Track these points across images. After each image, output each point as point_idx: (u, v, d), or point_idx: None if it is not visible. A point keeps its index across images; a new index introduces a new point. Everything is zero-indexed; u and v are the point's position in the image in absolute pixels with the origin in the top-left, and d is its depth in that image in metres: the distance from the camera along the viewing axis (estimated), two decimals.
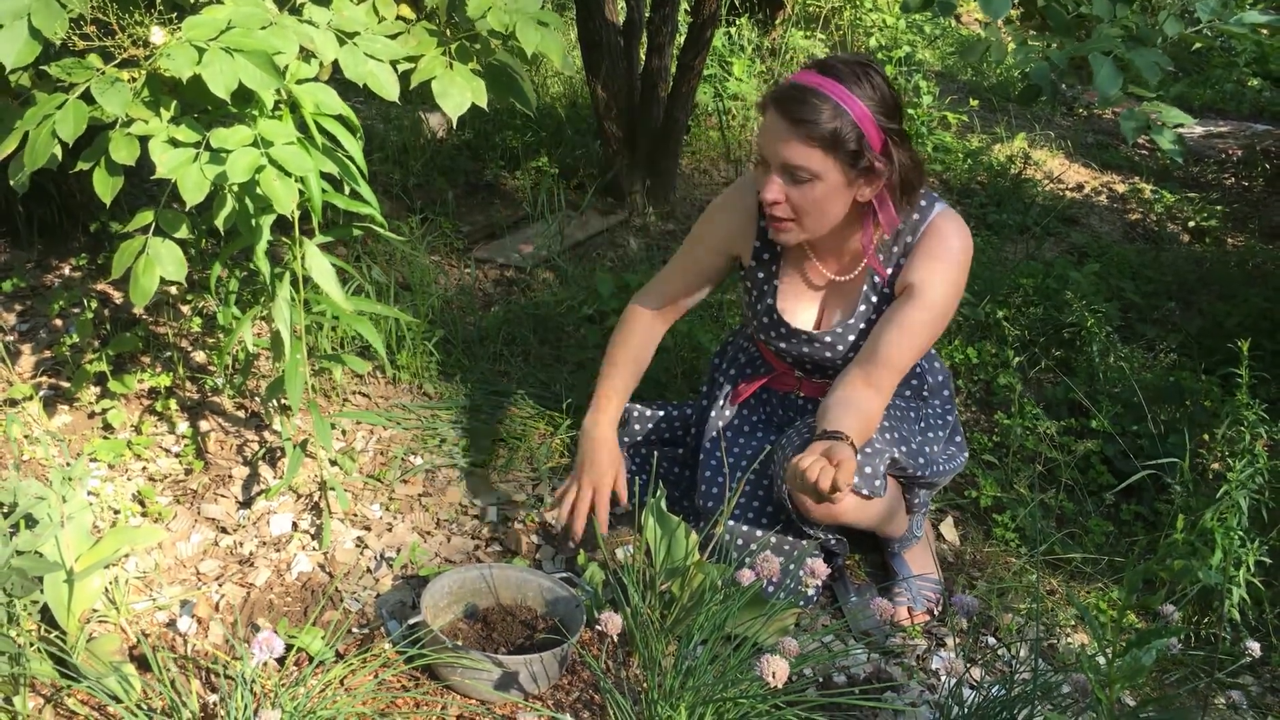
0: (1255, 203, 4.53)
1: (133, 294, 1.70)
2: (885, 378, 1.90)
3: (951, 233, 1.92)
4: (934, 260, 1.91)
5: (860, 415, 1.84)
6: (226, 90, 1.50)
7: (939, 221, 1.93)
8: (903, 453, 1.97)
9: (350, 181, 1.77)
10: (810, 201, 1.85)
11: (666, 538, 1.93)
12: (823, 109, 1.79)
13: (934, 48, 5.92)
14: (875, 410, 1.88)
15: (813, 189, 1.84)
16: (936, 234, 1.92)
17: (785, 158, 1.82)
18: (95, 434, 2.32)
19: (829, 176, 1.82)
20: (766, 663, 1.42)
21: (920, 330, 1.90)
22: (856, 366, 1.92)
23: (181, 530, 2.11)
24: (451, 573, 1.94)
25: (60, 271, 2.85)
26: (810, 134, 1.79)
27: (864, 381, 1.90)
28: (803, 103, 1.80)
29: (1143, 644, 1.45)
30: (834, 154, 1.80)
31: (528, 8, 1.82)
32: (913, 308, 1.90)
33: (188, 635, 1.88)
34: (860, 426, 1.82)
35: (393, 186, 3.53)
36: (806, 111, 1.79)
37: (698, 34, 3.51)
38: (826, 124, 1.78)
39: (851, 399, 1.87)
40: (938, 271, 1.91)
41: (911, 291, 1.91)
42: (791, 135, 1.81)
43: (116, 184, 1.66)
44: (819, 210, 1.86)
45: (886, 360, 1.89)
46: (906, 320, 1.90)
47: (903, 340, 1.89)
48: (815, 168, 1.82)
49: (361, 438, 2.45)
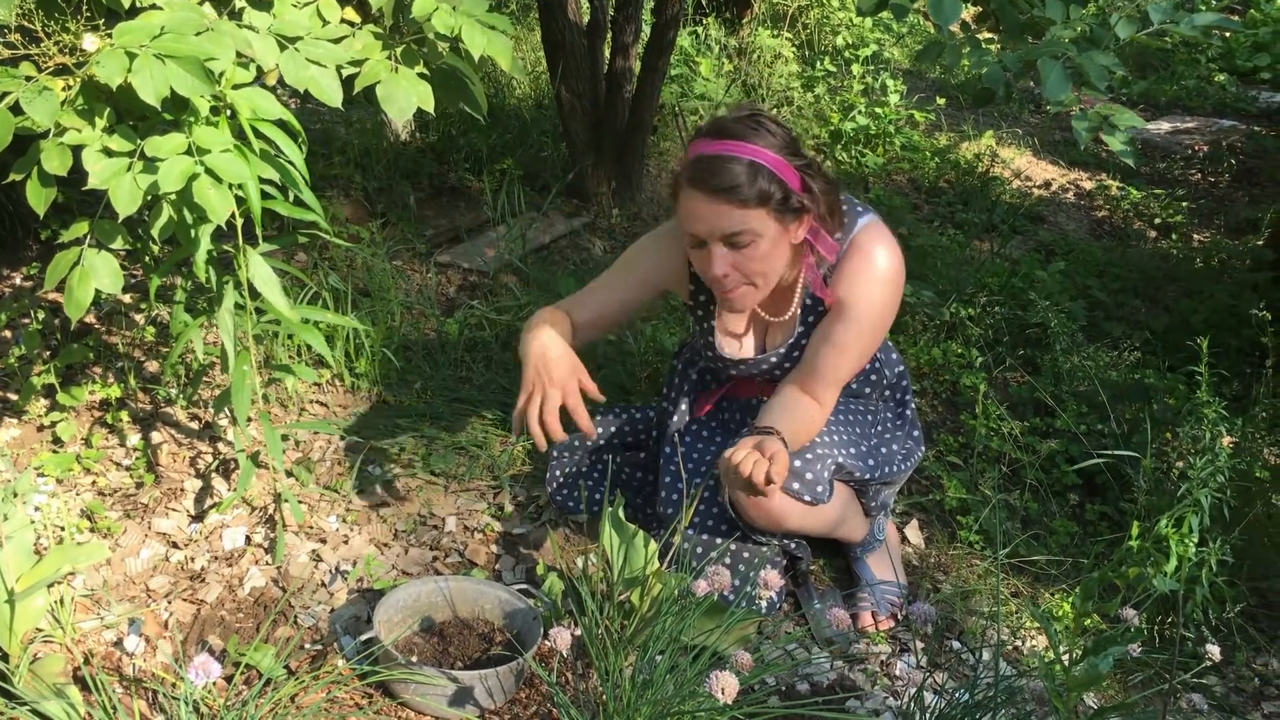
0: (1221, 198, 4.55)
1: (68, 307, 1.66)
2: (822, 391, 1.90)
3: (877, 249, 1.89)
4: (861, 277, 1.89)
5: (795, 418, 1.84)
6: (157, 97, 1.46)
7: (861, 238, 1.90)
8: (850, 455, 1.96)
9: (293, 187, 1.73)
10: (758, 261, 1.84)
11: (624, 546, 1.90)
12: (739, 170, 1.77)
13: (901, 45, 5.92)
14: (813, 416, 1.88)
15: (756, 249, 1.82)
16: (860, 251, 1.89)
17: (723, 229, 1.80)
18: (44, 447, 2.27)
19: (767, 231, 1.81)
20: (716, 679, 1.39)
21: (853, 346, 1.90)
22: (794, 379, 1.93)
23: (131, 546, 2.07)
24: (407, 586, 1.91)
25: (11, 281, 2.79)
26: (738, 197, 1.77)
27: (800, 390, 1.90)
28: (719, 172, 1.77)
29: (1099, 650, 1.43)
30: (765, 208, 1.79)
31: (474, 10, 1.79)
32: (844, 326, 1.89)
33: (135, 655, 1.83)
34: (794, 429, 1.81)
35: (354, 190, 3.49)
36: (726, 178, 1.77)
37: (661, 34, 3.48)
38: (749, 185, 1.77)
39: (787, 404, 1.87)
40: (866, 289, 1.89)
41: (841, 309, 1.90)
42: (720, 205, 1.78)
43: (50, 194, 1.62)
44: (768, 266, 1.85)
45: (822, 375, 1.90)
46: (839, 339, 1.89)
47: (838, 358, 1.90)
48: (754, 227, 1.80)
49: (319, 448, 2.41)
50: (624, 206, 3.70)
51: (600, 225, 3.62)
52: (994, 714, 1.63)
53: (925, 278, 3.24)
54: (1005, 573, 2.24)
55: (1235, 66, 6.25)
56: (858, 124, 4.42)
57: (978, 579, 2.23)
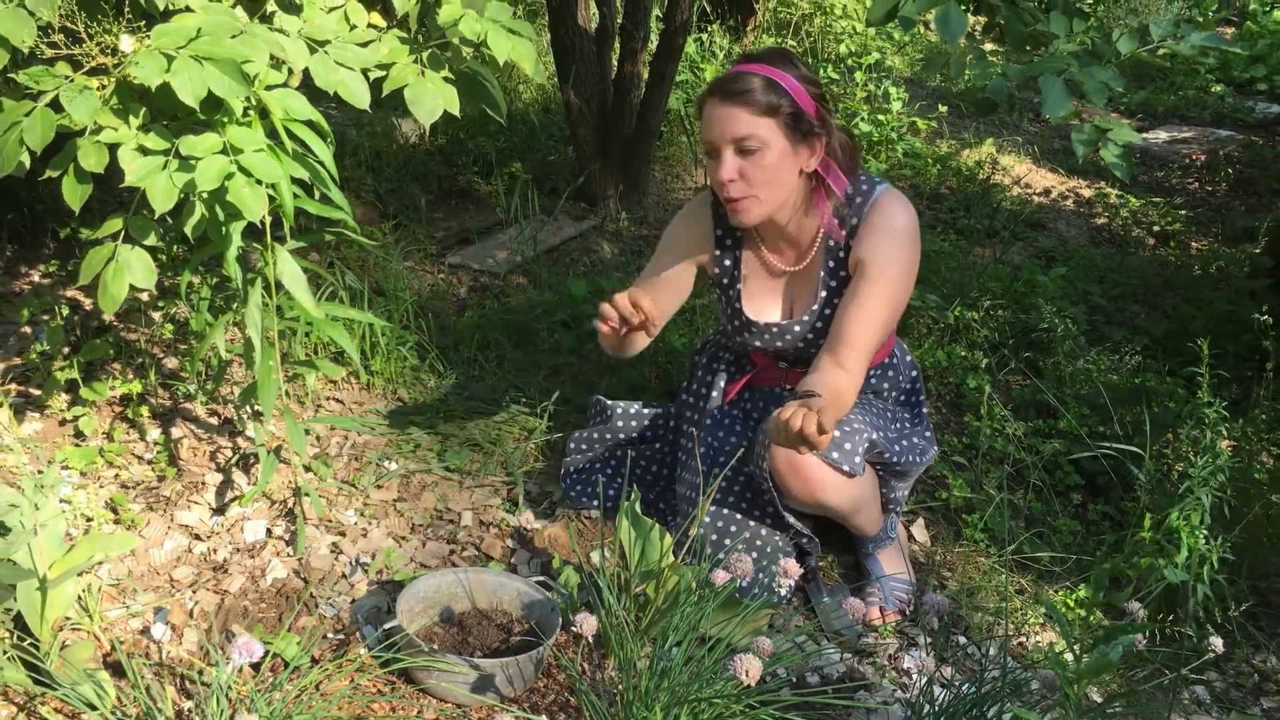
0: (1218, 207, 4.61)
1: (101, 301, 1.70)
2: (852, 358, 1.93)
3: (896, 209, 1.99)
4: (882, 236, 1.97)
5: (831, 389, 1.86)
6: (195, 98, 1.50)
7: (882, 200, 2.00)
8: (880, 437, 2.01)
9: (321, 187, 1.78)
10: (763, 170, 1.92)
11: (641, 540, 1.95)
12: (756, 82, 1.90)
13: (903, 54, 5.98)
14: (846, 388, 1.91)
15: (763, 158, 1.91)
16: (880, 211, 1.98)
17: (732, 131, 1.90)
18: (67, 441, 2.31)
19: (775, 143, 1.91)
20: (740, 661, 1.44)
21: (879, 306, 1.95)
22: (825, 351, 1.97)
23: (155, 537, 2.11)
24: (427, 577, 1.95)
25: (30, 278, 2.83)
26: (749, 102, 1.89)
27: (832, 363, 1.93)
28: (736, 79, 1.91)
29: (1109, 640, 1.48)
30: (775, 119, 1.90)
31: (499, 16, 1.83)
32: (868, 285, 1.95)
33: (162, 642, 1.87)
34: (832, 396, 1.84)
35: (366, 192, 3.53)
36: (741, 84, 1.90)
37: (670, 41, 3.53)
38: (762, 93, 1.89)
39: (823, 378, 1.90)
40: (887, 248, 1.96)
41: (864, 269, 1.96)
42: (733, 108, 1.90)
43: (85, 191, 1.66)
44: (773, 179, 1.94)
45: (850, 340, 1.93)
46: (863, 298, 1.95)
47: (863, 318, 1.94)
48: (762, 134, 1.90)
49: (336, 443, 2.45)
50: (631, 210, 3.74)
51: (608, 229, 3.67)
52: (1000, 706, 1.68)
53: (929, 281, 3.29)
54: (1010, 570, 2.29)
55: (1232, 77, 6.32)
56: (861, 131, 4.47)
57: (982, 576, 2.27)
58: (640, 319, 1.85)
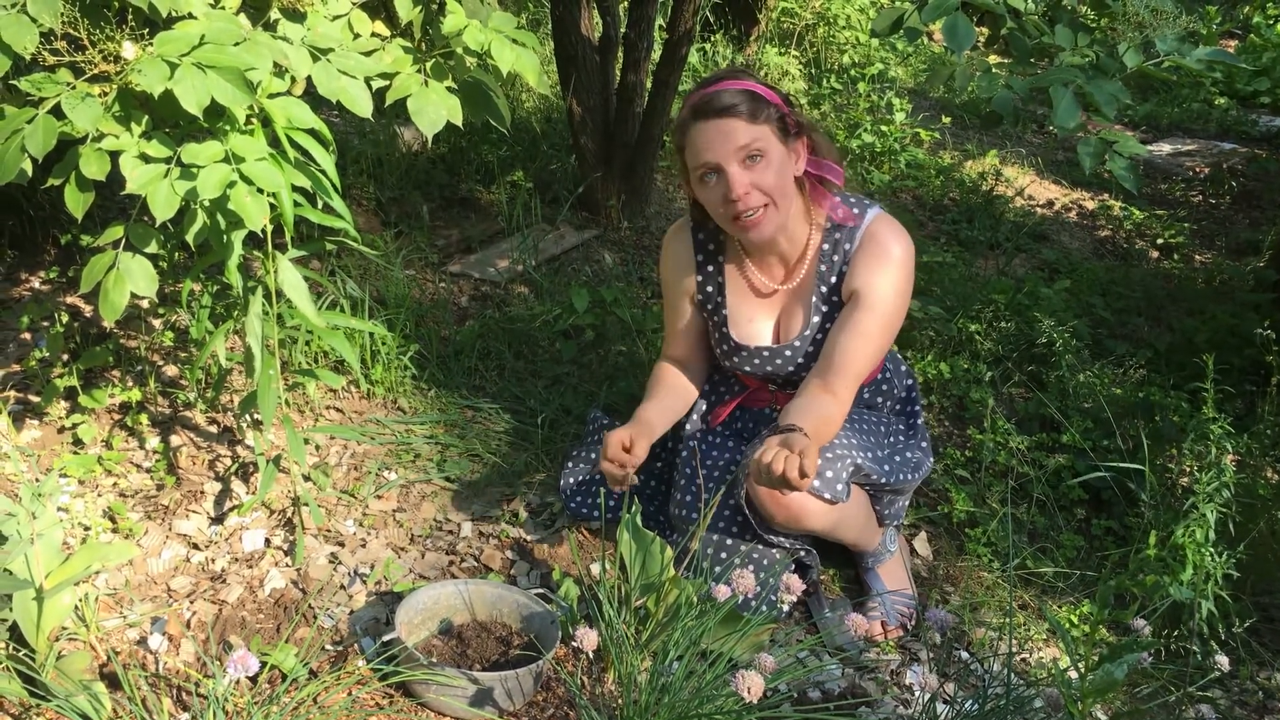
0: (1222, 220, 4.60)
1: (102, 309, 1.69)
2: (841, 384, 1.93)
3: (891, 238, 1.98)
4: (877, 265, 1.97)
5: (816, 417, 1.87)
6: (199, 106, 1.49)
7: (875, 227, 2.00)
8: (867, 459, 1.99)
9: (323, 195, 1.77)
10: (773, 175, 1.93)
11: (641, 553, 1.93)
12: (736, 93, 1.91)
13: (907, 65, 5.98)
14: (833, 414, 1.91)
15: (769, 163, 1.93)
16: (875, 239, 1.99)
17: (735, 142, 1.90)
18: (65, 449, 2.30)
19: (773, 146, 1.93)
20: (742, 678, 1.42)
21: (872, 334, 1.95)
22: (814, 375, 1.96)
23: (153, 546, 2.09)
24: (427, 588, 1.93)
25: (29, 285, 2.82)
26: (739, 113, 1.90)
27: (821, 388, 1.93)
28: (719, 97, 1.92)
29: (1115, 658, 1.47)
30: (767, 124, 1.92)
31: (503, 27, 1.83)
32: (864, 313, 1.95)
33: (159, 653, 1.86)
34: (816, 426, 1.84)
35: (367, 200, 3.52)
36: (726, 99, 1.91)
37: (673, 50, 3.52)
38: (746, 103, 1.91)
39: (808, 404, 1.91)
40: (884, 277, 1.96)
41: (858, 298, 1.96)
42: (726, 122, 1.90)
43: (88, 199, 1.65)
44: (782, 182, 1.95)
45: (841, 367, 1.93)
46: (857, 326, 1.95)
47: (855, 346, 1.94)
48: (762, 141, 1.91)
49: (335, 453, 2.44)
50: (633, 220, 3.73)
51: (610, 238, 3.66)
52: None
53: (931, 293, 3.28)
54: (1013, 585, 2.27)
55: (1236, 91, 6.32)
56: (864, 141, 4.46)
57: (985, 591, 2.26)
58: (635, 463, 1.98)
